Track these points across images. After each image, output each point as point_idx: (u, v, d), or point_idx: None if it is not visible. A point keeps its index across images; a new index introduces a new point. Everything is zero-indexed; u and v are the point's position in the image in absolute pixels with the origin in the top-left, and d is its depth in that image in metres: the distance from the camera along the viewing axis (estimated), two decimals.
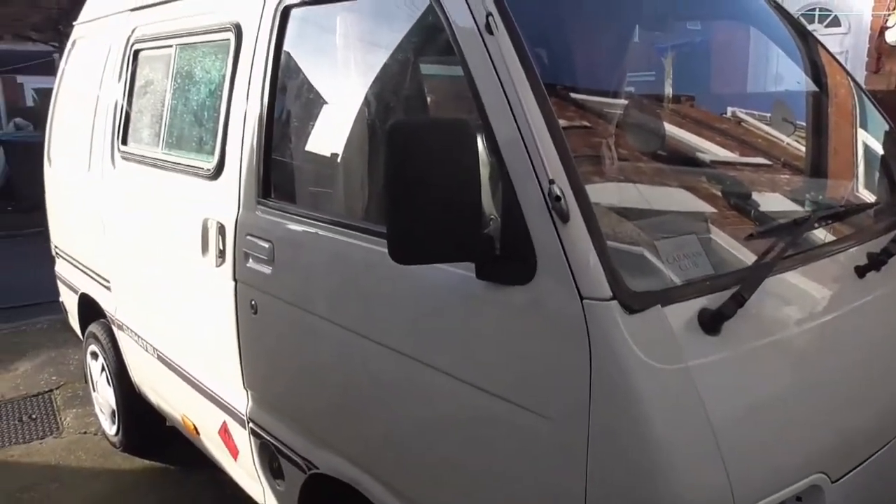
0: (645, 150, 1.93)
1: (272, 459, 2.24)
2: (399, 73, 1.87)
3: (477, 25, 1.45)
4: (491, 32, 1.42)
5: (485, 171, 1.39)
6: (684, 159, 2.02)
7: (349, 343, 1.78)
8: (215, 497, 3.19)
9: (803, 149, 2.30)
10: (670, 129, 2.09)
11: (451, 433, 1.54)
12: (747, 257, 1.55)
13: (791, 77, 2.60)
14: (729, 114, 2.41)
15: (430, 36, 1.76)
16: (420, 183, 1.28)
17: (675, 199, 1.79)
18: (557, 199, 1.26)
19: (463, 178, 1.29)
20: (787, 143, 2.27)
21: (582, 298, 1.25)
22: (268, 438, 2.21)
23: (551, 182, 1.28)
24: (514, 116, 1.36)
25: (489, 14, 1.43)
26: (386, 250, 1.51)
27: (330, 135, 2.01)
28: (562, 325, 1.28)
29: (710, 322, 1.29)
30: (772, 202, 1.95)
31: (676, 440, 1.20)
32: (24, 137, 11.33)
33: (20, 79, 13.98)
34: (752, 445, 1.28)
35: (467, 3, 1.48)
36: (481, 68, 1.43)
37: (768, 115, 2.38)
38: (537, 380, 1.33)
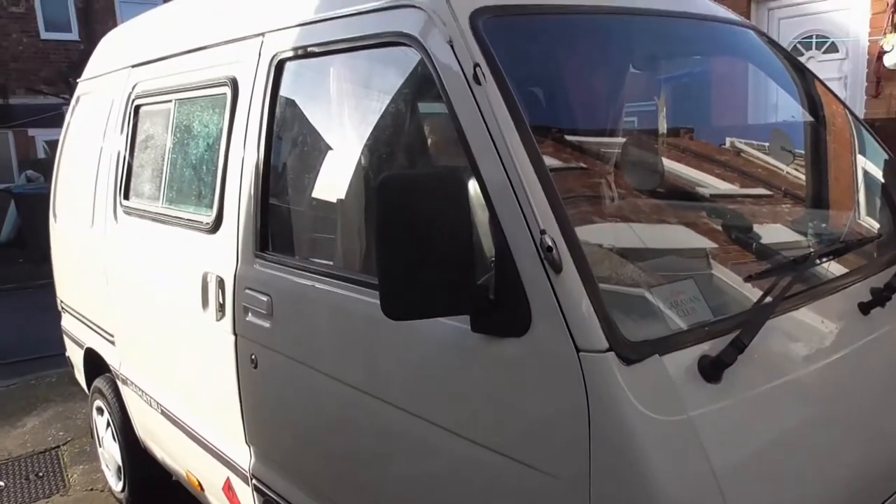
0: (644, 188, 1.92)
1: None
2: (392, 122, 1.88)
3: (465, 76, 1.45)
4: (479, 83, 1.42)
5: (482, 217, 1.38)
6: (684, 194, 2.00)
7: (349, 398, 1.75)
8: None
9: (803, 177, 2.28)
10: (669, 163, 2.08)
11: (452, 490, 1.50)
12: (749, 296, 1.52)
13: (789, 107, 2.60)
14: (728, 144, 2.40)
15: (422, 85, 1.77)
16: (411, 236, 1.27)
17: (675, 236, 1.77)
18: (549, 249, 1.24)
19: (454, 230, 1.27)
20: (787, 172, 2.25)
21: (578, 350, 1.22)
22: (271, 495, 2.17)
23: (542, 232, 1.27)
24: (503, 166, 1.35)
25: (476, 65, 1.44)
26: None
27: (326, 186, 2.01)
28: (558, 377, 1.25)
29: (711, 370, 1.26)
30: (774, 234, 1.92)
31: (680, 494, 1.16)
32: (35, 190, 11.46)
33: (31, 132, 14.18)
34: (759, 494, 1.24)
35: (455, 54, 1.49)
36: (470, 118, 1.43)
37: (767, 144, 2.37)
38: (535, 434, 1.30)
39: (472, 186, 1.38)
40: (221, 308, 2.23)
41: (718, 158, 2.26)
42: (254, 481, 2.24)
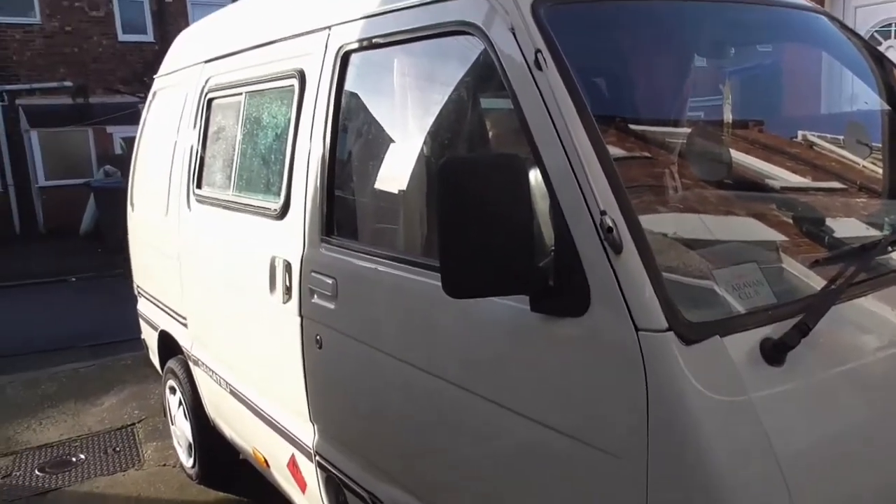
0: (710, 179, 1.90)
1: (338, 493, 2.27)
2: (454, 110, 1.91)
3: (526, 62, 1.48)
4: (540, 68, 1.45)
5: (543, 204, 1.41)
6: (752, 186, 1.97)
7: (411, 377, 1.80)
8: None
9: (880, 171, 2.21)
10: (737, 155, 2.05)
11: (511, 466, 1.53)
12: (817, 285, 1.50)
13: (865, 97, 2.51)
14: (800, 137, 2.34)
15: (484, 73, 1.80)
16: (472, 218, 1.31)
17: (741, 227, 1.75)
18: (609, 230, 1.26)
19: (515, 213, 1.30)
20: (863, 166, 2.18)
21: (637, 330, 1.23)
22: (334, 472, 2.24)
23: (603, 213, 1.28)
24: (564, 149, 1.37)
25: (538, 51, 1.46)
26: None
27: (390, 173, 2.07)
28: (617, 357, 1.26)
29: (773, 352, 1.25)
30: (847, 227, 1.88)
31: (740, 476, 1.16)
32: (112, 184, 11.98)
33: (109, 129, 14.84)
34: (821, 482, 1.22)
35: (516, 41, 1.51)
36: (531, 103, 1.45)
37: (842, 137, 2.30)
38: (593, 413, 1.32)
39: (533, 174, 1.41)
40: (288, 291, 2.32)
41: (789, 151, 2.21)
42: (317, 458, 2.32)
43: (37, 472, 3.98)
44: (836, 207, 1.99)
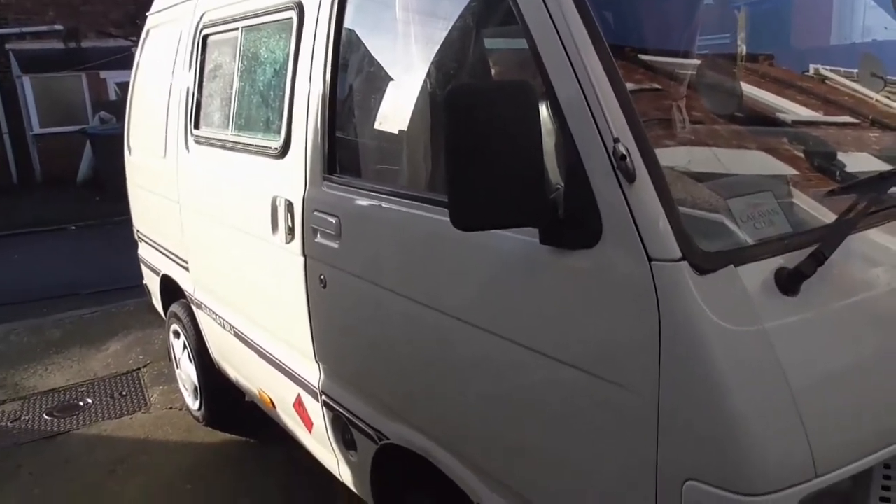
0: (720, 112, 1.85)
1: (344, 431, 2.28)
2: (460, 43, 1.85)
3: None
4: None
5: (548, 138, 1.37)
6: (763, 120, 1.92)
7: (416, 314, 1.79)
8: (293, 468, 3.29)
9: (895, 105, 2.16)
10: (747, 88, 2.00)
11: (518, 401, 1.53)
12: (829, 217, 1.47)
13: (881, 27, 2.43)
14: (811, 71, 2.28)
15: (491, 3, 1.73)
16: (480, 147, 1.27)
17: (753, 160, 1.71)
18: (623, 157, 1.22)
19: (524, 141, 1.26)
20: (877, 100, 2.13)
21: (650, 260, 1.21)
22: (340, 410, 2.25)
23: (616, 141, 1.24)
24: (576, 75, 1.33)
25: None
26: (448, 219, 1.51)
27: (392, 108, 2.01)
28: (629, 288, 1.24)
29: (788, 282, 1.22)
30: (859, 162, 1.84)
31: (754, 406, 1.15)
32: (108, 130, 11.84)
33: (103, 74, 14.57)
34: (835, 411, 1.21)
35: None
36: (541, 28, 1.39)
37: (855, 70, 2.24)
38: (603, 345, 1.30)
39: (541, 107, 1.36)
40: (290, 231, 2.29)
41: (801, 85, 2.15)
42: (323, 397, 2.33)
43: (45, 416, 4.03)
44: (848, 142, 1.94)
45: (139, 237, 4.21)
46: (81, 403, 4.15)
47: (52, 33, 13.92)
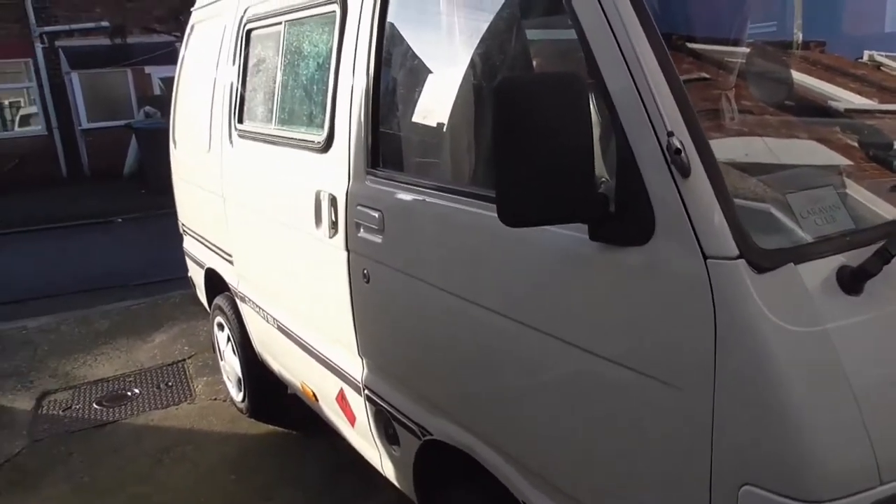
0: (770, 101, 1.79)
1: (387, 426, 2.28)
2: (504, 35, 1.82)
3: None
4: None
5: (595, 131, 1.33)
6: (815, 109, 1.85)
7: (459, 309, 1.77)
8: (335, 461, 3.31)
9: None
10: (798, 76, 1.93)
11: (564, 399, 1.50)
12: (889, 212, 1.41)
13: None
14: (865, 57, 2.19)
15: None
16: (529, 141, 1.24)
17: (806, 151, 1.65)
18: (678, 151, 1.18)
19: (574, 134, 1.23)
20: None
21: (706, 258, 1.17)
22: (382, 405, 2.25)
23: (670, 134, 1.20)
24: (628, 67, 1.29)
25: None
26: (494, 214, 1.49)
27: (436, 102, 1.99)
28: (683, 286, 1.20)
29: (851, 281, 1.17)
30: None
31: (816, 409, 1.10)
32: (153, 124, 12.06)
33: (148, 69, 14.87)
34: None
35: None
36: (592, 19, 1.36)
37: None
38: (656, 345, 1.26)
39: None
40: (334, 225, 2.29)
41: (854, 72, 2.07)
42: (366, 392, 2.34)
43: (94, 405, 4.13)
44: None
45: (184, 230, 4.27)
46: (129, 393, 4.25)
47: (99, 30, 14.23)
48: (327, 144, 2.32)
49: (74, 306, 5.90)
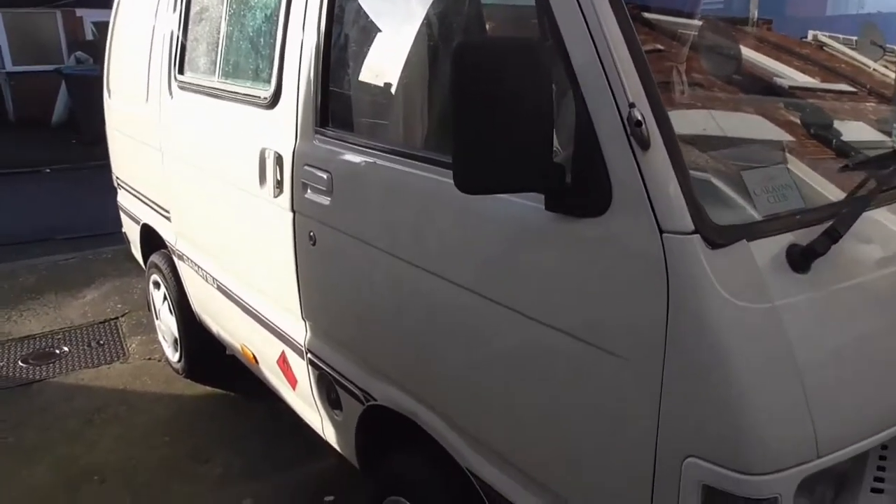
0: (718, 74, 1.80)
1: (329, 390, 2.26)
2: None
3: None
4: None
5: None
6: (761, 85, 1.88)
7: (407, 275, 1.74)
8: (274, 424, 3.27)
9: (893, 75, 2.12)
10: (746, 52, 1.95)
11: (513, 368, 1.50)
12: (829, 191, 1.44)
13: None
14: (810, 37, 2.23)
15: None
16: (489, 107, 1.21)
17: (754, 127, 1.67)
18: (638, 123, 1.17)
19: (535, 101, 1.20)
20: (874, 69, 2.09)
21: (661, 232, 1.17)
22: (325, 369, 2.22)
23: (632, 106, 1.19)
24: (591, 36, 1.26)
25: None
26: (448, 180, 1.46)
27: (390, 61, 1.93)
28: (638, 260, 1.20)
29: (800, 259, 1.19)
30: (856, 132, 1.80)
31: (760, 385, 1.13)
32: (85, 71, 11.50)
33: (79, 12, 14.07)
34: (839, 392, 1.20)
35: None
36: None
37: (855, 38, 2.20)
38: (607, 316, 1.27)
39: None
40: (279, 185, 2.22)
41: (799, 51, 2.11)
42: (309, 355, 2.30)
43: (20, 363, 3.96)
44: (844, 111, 1.91)
45: (118, 184, 4.09)
46: (58, 351, 4.09)
47: None
48: (274, 100, 2.23)
49: None
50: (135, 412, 3.45)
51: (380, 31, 1.99)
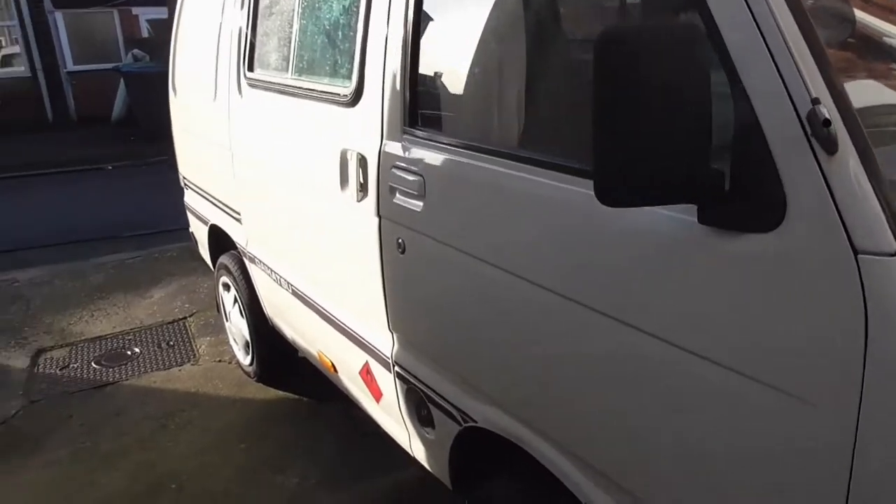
0: (834, 41, 1.58)
1: (420, 406, 2.12)
2: None
3: None
4: None
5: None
6: (879, 49, 1.66)
7: (517, 290, 1.58)
8: (350, 432, 3.17)
9: None
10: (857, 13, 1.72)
11: (652, 400, 1.33)
12: None
13: None
14: None
15: None
16: (639, 105, 1.03)
17: None
18: (827, 123, 0.98)
19: (693, 97, 1.02)
20: None
21: (856, 253, 0.98)
22: (415, 384, 2.08)
23: (815, 102, 1.00)
24: (754, 19, 1.07)
25: None
26: (572, 188, 1.29)
27: (493, 51, 1.76)
28: (822, 285, 1.01)
29: None
30: None
31: None
32: (143, 68, 11.64)
33: (135, 10, 14.28)
34: None
35: None
36: None
37: None
38: (780, 349, 1.08)
39: None
40: (363, 188, 2.08)
41: None
42: (396, 368, 2.16)
43: (94, 364, 3.95)
44: None
45: (185, 184, 4.03)
46: (129, 353, 4.07)
47: None
48: (355, 98, 2.09)
49: (67, 258, 5.67)
50: (208, 417, 3.39)
51: (483, 14, 1.81)
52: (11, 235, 6.50)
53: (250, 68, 2.85)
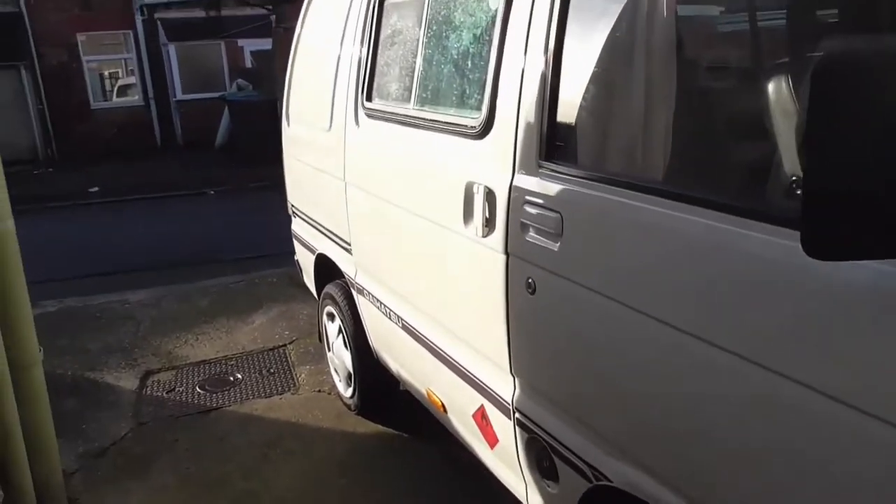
0: None
1: (542, 457, 1.98)
2: None
3: None
4: None
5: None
6: None
7: (673, 343, 1.43)
8: (453, 472, 3.05)
9: None
10: None
11: (839, 472, 1.15)
12: None
13: None
14: None
15: None
16: (859, 139, 0.89)
17: None
18: None
19: None
20: None
21: None
22: (539, 434, 1.95)
23: None
24: None
25: None
26: (755, 234, 1.15)
27: (640, 79, 1.64)
28: None
29: None
30: None
31: None
32: (246, 97, 12.14)
33: (240, 42, 14.96)
34: None
35: None
36: None
37: None
38: None
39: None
40: (489, 223, 1.98)
41: None
42: (517, 415, 2.03)
43: (198, 388, 4.00)
44: None
45: (294, 212, 4.06)
46: (232, 378, 4.10)
47: (195, 2, 14.38)
48: (485, 130, 2.01)
49: (171, 280, 5.86)
50: (309, 449, 3.35)
51: (628, 42, 1.70)
52: (120, 256, 6.80)
53: (369, 98, 2.83)
